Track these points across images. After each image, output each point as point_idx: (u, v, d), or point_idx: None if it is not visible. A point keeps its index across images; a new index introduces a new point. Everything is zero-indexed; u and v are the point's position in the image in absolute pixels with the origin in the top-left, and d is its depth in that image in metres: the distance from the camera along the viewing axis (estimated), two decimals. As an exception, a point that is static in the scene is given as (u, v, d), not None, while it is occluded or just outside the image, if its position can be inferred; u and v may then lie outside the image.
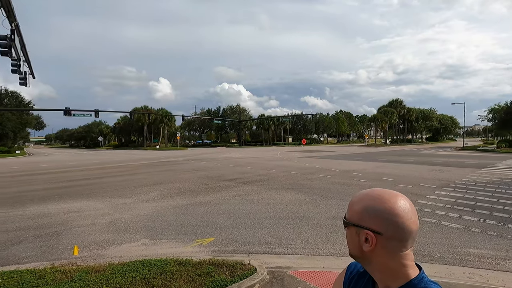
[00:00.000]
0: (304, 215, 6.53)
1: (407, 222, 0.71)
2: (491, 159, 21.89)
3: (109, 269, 3.60)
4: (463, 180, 11.25)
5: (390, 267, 0.74)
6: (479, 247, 4.67)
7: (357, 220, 0.75)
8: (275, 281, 3.59)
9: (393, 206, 0.72)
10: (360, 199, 0.77)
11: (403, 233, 0.71)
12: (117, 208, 7.48)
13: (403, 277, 0.73)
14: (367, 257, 0.76)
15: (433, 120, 78.41)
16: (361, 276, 0.88)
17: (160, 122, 61.14)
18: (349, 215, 0.78)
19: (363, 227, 0.74)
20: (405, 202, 0.73)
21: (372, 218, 0.73)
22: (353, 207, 0.78)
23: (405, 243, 0.72)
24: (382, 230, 0.72)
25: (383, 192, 0.75)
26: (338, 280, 0.95)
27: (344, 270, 0.95)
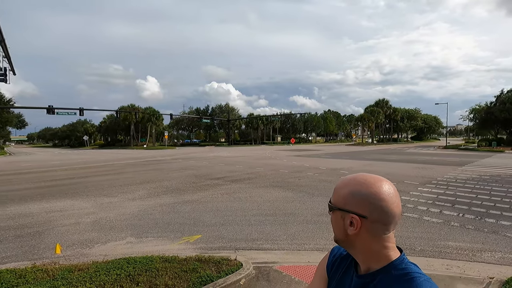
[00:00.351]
0: (291, 212, 6.61)
1: (391, 206, 0.73)
2: (471, 157, 22.69)
3: (93, 267, 3.56)
4: (444, 177, 11.63)
5: (373, 249, 0.76)
6: (457, 240, 4.86)
7: (342, 205, 0.77)
8: (261, 276, 3.63)
9: (378, 190, 0.74)
10: (346, 183, 0.78)
11: (387, 216, 0.73)
12: (102, 207, 7.35)
13: (385, 258, 0.76)
14: (351, 241, 0.78)
15: (418, 120, 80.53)
16: (344, 258, 0.90)
17: (147, 121, 60.24)
18: (334, 200, 0.80)
19: (349, 211, 0.75)
20: (390, 187, 0.75)
21: (357, 202, 0.75)
22: (339, 192, 0.79)
23: (388, 226, 0.74)
24: (367, 213, 0.73)
25: (369, 177, 0.77)
26: (321, 264, 0.97)
27: (327, 254, 0.98)
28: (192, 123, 78.14)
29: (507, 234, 5.04)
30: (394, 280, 0.73)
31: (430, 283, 0.70)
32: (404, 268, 0.74)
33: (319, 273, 0.97)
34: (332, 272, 0.92)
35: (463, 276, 3.58)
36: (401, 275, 0.73)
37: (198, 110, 78.17)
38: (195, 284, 3.22)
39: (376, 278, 0.76)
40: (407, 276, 0.72)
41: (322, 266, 0.97)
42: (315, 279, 0.97)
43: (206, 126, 77.11)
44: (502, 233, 5.09)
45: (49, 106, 34.45)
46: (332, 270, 0.92)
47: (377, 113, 65.48)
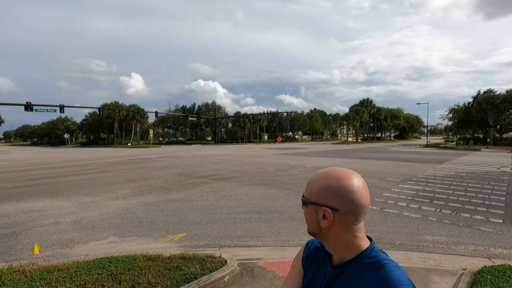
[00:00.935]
0: (276, 209, 6.68)
1: (361, 198, 0.77)
2: (450, 155, 23.60)
3: (73, 267, 3.48)
4: (424, 174, 12.05)
5: (344, 240, 0.80)
6: (434, 234, 5.06)
7: (315, 198, 0.80)
8: (245, 272, 3.66)
9: (348, 183, 0.77)
10: (318, 178, 0.81)
11: (357, 208, 0.77)
12: (84, 206, 7.16)
13: (356, 248, 0.80)
14: (324, 233, 0.81)
15: (400, 119, 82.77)
16: (318, 250, 0.93)
17: (132, 119, 58.87)
18: (307, 194, 0.82)
19: (321, 204, 0.78)
20: (359, 180, 0.79)
21: (329, 196, 0.78)
22: (311, 186, 0.82)
23: (358, 217, 0.78)
24: (339, 206, 0.77)
25: (339, 171, 0.80)
26: (297, 257, 1.00)
27: (303, 248, 1.00)
28: (178, 121, 77.06)
29: (480, 228, 5.30)
30: (366, 268, 0.77)
31: (398, 269, 0.75)
32: (374, 256, 0.78)
33: (295, 266, 0.99)
34: (307, 264, 0.95)
35: (438, 268, 3.75)
36: (372, 263, 0.77)
37: (184, 108, 77.14)
38: (179, 281, 3.22)
39: (349, 267, 0.80)
40: (377, 263, 0.76)
41: (297, 260, 0.99)
42: (291, 272, 0.99)
43: (193, 124, 76.23)
44: (476, 227, 5.35)
45: (27, 102, 33.08)
46: (307, 262, 0.95)
47: (362, 112, 66.82)
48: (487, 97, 43.56)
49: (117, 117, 56.61)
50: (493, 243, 4.63)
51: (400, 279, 0.71)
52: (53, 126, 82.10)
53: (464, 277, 3.43)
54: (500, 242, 4.68)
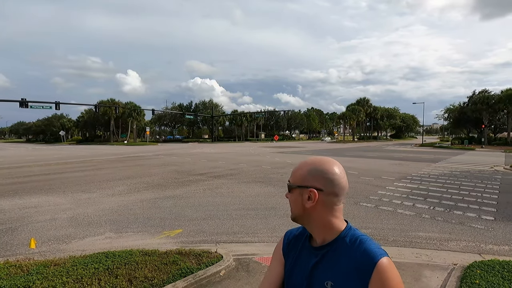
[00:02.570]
0: (272, 206, 6.73)
1: (341, 180, 0.86)
2: (445, 155, 23.84)
3: (70, 261, 3.50)
4: (419, 173, 12.18)
5: (326, 220, 0.87)
6: (427, 230, 5.15)
7: (300, 182, 0.87)
8: (241, 267, 3.71)
9: (331, 166, 0.87)
10: (303, 165, 0.90)
11: (338, 188, 0.86)
12: (80, 203, 7.16)
13: (336, 228, 0.87)
14: (308, 214, 0.87)
15: (397, 119, 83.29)
16: (297, 238, 0.98)
17: (128, 116, 58.62)
18: (293, 180, 0.89)
19: (307, 186, 0.86)
20: (339, 165, 0.89)
21: (314, 178, 0.86)
22: (297, 172, 0.89)
23: (339, 197, 0.86)
24: (323, 186, 0.85)
25: (321, 158, 0.90)
26: (277, 248, 1.03)
27: (282, 239, 1.04)
28: (175, 119, 76.82)
29: (472, 225, 5.40)
30: (348, 246, 0.85)
31: (372, 242, 0.85)
32: (353, 234, 0.87)
33: (275, 256, 1.02)
34: (288, 252, 0.98)
35: (430, 263, 3.82)
36: (353, 241, 0.85)
37: (181, 106, 76.90)
38: (175, 276, 3.25)
39: (332, 247, 0.87)
40: (357, 240, 0.85)
41: (278, 250, 1.02)
42: (272, 263, 1.02)
43: (189, 122, 76.10)
44: (468, 224, 5.45)
45: (22, 99, 32.76)
46: (288, 251, 0.99)
47: (358, 112, 67.14)
48: (482, 97, 44.00)
49: (114, 115, 56.30)
50: (484, 240, 4.72)
51: (377, 251, 0.81)
52: (48, 123, 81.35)
53: (455, 271, 3.51)
54: (491, 238, 4.78)
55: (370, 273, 0.78)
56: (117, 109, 48.39)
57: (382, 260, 0.79)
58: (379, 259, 0.79)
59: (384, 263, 0.79)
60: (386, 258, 0.80)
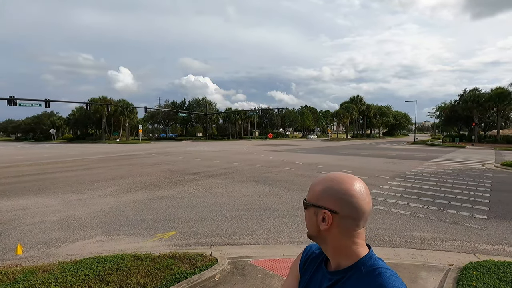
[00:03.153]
0: (267, 207, 6.67)
1: (361, 202, 0.76)
2: (437, 153, 24.14)
3: (59, 268, 3.38)
4: (412, 171, 12.28)
5: (343, 245, 0.78)
6: (422, 230, 5.16)
7: (315, 201, 0.80)
8: (236, 271, 3.64)
9: (349, 187, 0.77)
10: (320, 181, 0.82)
11: (356, 212, 0.76)
12: (70, 204, 6.99)
13: (354, 255, 0.78)
14: (323, 236, 0.80)
15: (389, 117, 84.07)
16: (316, 257, 0.93)
17: (120, 114, 57.81)
18: (309, 197, 0.82)
19: (321, 206, 0.78)
20: (361, 185, 0.78)
21: (329, 198, 0.77)
22: (314, 189, 0.82)
23: (358, 222, 0.77)
24: (338, 209, 0.76)
25: (342, 175, 0.80)
26: (295, 263, 1.00)
27: (301, 253, 1.00)
28: (168, 117, 76.11)
29: (466, 224, 5.44)
30: (363, 276, 0.75)
31: (396, 278, 0.73)
32: (372, 264, 0.77)
33: (292, 271, 0.99)
34: (304, 269, 0.94)
35: (426, 264, 3.82)
36: (370, 271, 0.75)
37: (175, 104, 76.23)
38: (169, 281, 3.17)
39: (346, 274, 0.78)
40: (375, 271, 0.75)
41: (295, 264, 0.99)
42: (289, 277, 0.99)
43: (183, 120, 75.52)
44: (462, 223, 5.48)
45: (11, 96, 31.97)
46: (305, 268, 0.95)
47: (352, 109, 67.53)
48: (472, 95, 44.70)
49: (105, 112, 55.46)
50: (478, 239, 4.75)
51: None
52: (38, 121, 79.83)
53: (451, 273, 3.50)
54: (485, 237, 4.81)
55: None
56: (109, 106, 47.63)
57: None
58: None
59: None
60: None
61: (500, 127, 45.05)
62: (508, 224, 5.44)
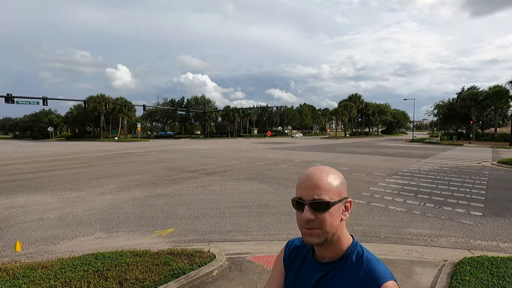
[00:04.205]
0: (265, 204, 6.72)
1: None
2: (434, 150, 24.25)
3: (58, 264, 3.41)
4: (409, 169, 12.35)
5: (343, 233, 0.84)
6: (418, 227, 5.22)
7: (339, 195, 0.81)
8: (234, 267, 3.68)
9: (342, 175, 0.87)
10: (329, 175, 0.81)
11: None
12: (69, 202, 7.01)
13: (346, 242, 0.85)
14: (340, 229, 0.83)
15: (388, 115, 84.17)
16: (299, 250, 0.96)
17: (119, 112, 57.67)
18: (330, 195, 0.79)
19: (345, 197, 0.83)
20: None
21: (345, 187, 0.84)
22: (331, 185, 0.80)
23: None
24: (347, 194, 0.85)
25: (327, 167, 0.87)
26: (278, 258, 1.02)
27: (283, 249, 1.02)
28: (166, 115, 75.96)
29: (461, 221, 5.50)
30: (354, 264, 0.82)
31: (379, 263, 0.82)
32: (359, 251, 0.85)
33: (277, 266, 1.00)
34: (289, 264, 0.96)
35: (421, 260, 3.87)
36: (359, 258, 0.83)
37: (173, 102, 76.04)
38: (167, 277, 3.20)
39: (338, 264, 0.84)
40: (362, 258, 0.83)
41: (279, 260, 1.00)
42: (273, 273, 1.00)
43: (181, 118, 75.36)
44: (457, 220, 5.54)
45: (8, 94, 31.80)
46: (289, 262, 0.96)
47: (350, 107, 67.56)
48: (470, 93, 44.81)
49: (104, 110, 55.31)
50: (473, 235, 4.81)
51: (382, 273, 0.78)
52: (36, 119, 79.49)
53: (445, 268, 3.56)
54: (480, 234, 4.87)
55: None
56: (107, 104, 47.45)
57: (387, 284, 0.76)
58: (384, 282, 0.77)
59: (389, 287, 0.76)
60: (391, 282, 0.77)
61: (498, 125, 45.26)
62: (503, 221, 5.51)
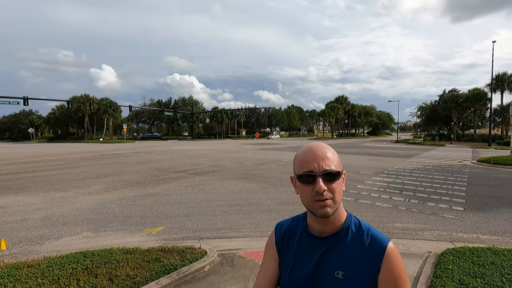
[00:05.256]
0: (255, 202, 6.75)
1: None
2: (418, 150, 24.99)
3: (45, 262, 3.33)
4: (394, 167, 12.69)
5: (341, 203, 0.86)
6: (403, 222, 5.39)
7: (340, 167, 0.84)
8: (225, 262, 3.70)
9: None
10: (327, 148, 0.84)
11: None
12: (54, 202, 6.82)
13: (343, 214, 0.87)
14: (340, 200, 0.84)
15: (373, 116, 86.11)
16: (291, 231, 0.92)
17: (104, 113, 56.36)
18: (336, 166, 0.82)
19: (342, 169, 0.85)
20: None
21: (339, 160, 0.85)
22: (333, 157, 0.83)
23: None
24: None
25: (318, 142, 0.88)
26: (269, 242, 0.96)
27: (273, 232, 0.97)
28: (153, 116, 74.84)
29: (444, 215, 5.71)
30: (355, 233, 0.85)
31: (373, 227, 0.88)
32: (355, 221, 0.88)
33: (268, 251, 0.95)
34: (284, 247, 0.92)
35: (407, 252, 4.01)
36: (357, 228, 0.86)
37: (160, 103, 75.01)
38: (158, 273, 3.19)
39: (339, 235, 0.85)
40: (361, 226, 0.87)
41: (270, 245, 0.95)
42: (265, 259, 0.95)
43: (169, 119, 74.41)
44: (440, 215, 5.76)
45: (-14, 93, 30.48)
46: (283, 245, 0.92)
47: (337, 109, 68.66)
48: (451, 96, 46.45)
49: (88, 111, 53.98)
50: (455, 229, 5.01)
51: (382, 236, 0.85)
52: (15, 119, 76.47)
53: (430, 259, 3.70)
54: (461, 227, 5.08)
55: (381, 258, 0.81)
56: (91, 105, 46.29)
57: (389, 245, 0.82)
58: (387, 243, 0.82)
59: (392, 247, 0.82)
60: (391, 242, 0.84)
61: (477, 126, 47.09)
62: (483, 215, 5.76)
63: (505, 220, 5.44)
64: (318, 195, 0.79)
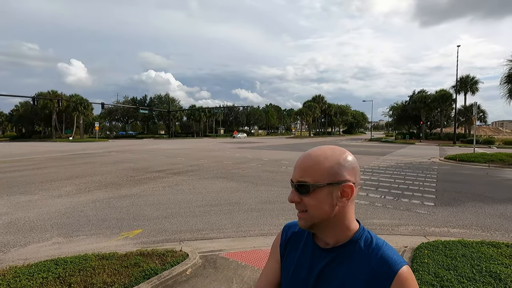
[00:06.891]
0: (236, 201, 6.70)
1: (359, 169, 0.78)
2: (390, 148, 26.11)
3: (11, 272, 3.07)
4: (370, 165, 13.16)
5: (349, 219, 0.76)
6: (380, 217, 5.58)
7: (332, 178, 0.73)
8: (208, 264, 3.62)
9: (350, 154, 0.77)
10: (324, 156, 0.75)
11: (359, 179, 0.77)
12: (18, 206, 6.34)
13: (353, 228, 0.77)
14: (335, 216, 0.74)
15: (348, 115, 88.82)
16: (298, 236, 0.88)
17: (73, 110, 53.42)
18: (315, 177, 0.73)
19: (340, 181, 0.73)
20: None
21: (347, 171, 0.74)
22: (320, 167, 0.74)
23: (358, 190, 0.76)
24: (353, 179, 0.74)
25: (334, 146, 0.79)
26: (275, 243, 0.93)
27: (280, 233, 0.94)
28: (127, 113, 72.12)
29: (417, 211, 5.99)
30: (363, 250, 0.75)
31: (389, 247, 0.76)
32: (367, 236, 0.78)
33: (273, 253, 0.93)
34: (287, 251, 0.88)
35: (385, 247, 4.14)
36: (368, 244, 0.76)
37: (135, 100, 72.48)
38: (138, 278, 3.05)
39: (344, 249, 0.76)
40: (372, 244, 0.76)
41: (275, 246, 0.93)
42: (269, 259, 0.93)
43: (144, 117, 72.11)
44: (414, 210, 6.03)
45: None
46: (287, 250, 0.89)
47: (314, 108, 70.07)
48: (420, 96, 49.03)
49: (56, 108, 50.97)
50: (427, 223, 5.27)
51: (396, 259, 0.72)
52: (-27, 117, 70.60)
53: (406, 253, 3.85)
54: (433, 222, 5.36)
55: (388, 284, 0.70)
56: (60, 102, 43.75)
57: (402, 270, 0.70)
58: (399, 268, 0.70)
59: (405, 272, 0.70)
60: (406, 267, 0.71)
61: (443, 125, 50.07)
62: (452, 210, 6.11)
63: (472, 214, 5.80)
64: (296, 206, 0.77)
